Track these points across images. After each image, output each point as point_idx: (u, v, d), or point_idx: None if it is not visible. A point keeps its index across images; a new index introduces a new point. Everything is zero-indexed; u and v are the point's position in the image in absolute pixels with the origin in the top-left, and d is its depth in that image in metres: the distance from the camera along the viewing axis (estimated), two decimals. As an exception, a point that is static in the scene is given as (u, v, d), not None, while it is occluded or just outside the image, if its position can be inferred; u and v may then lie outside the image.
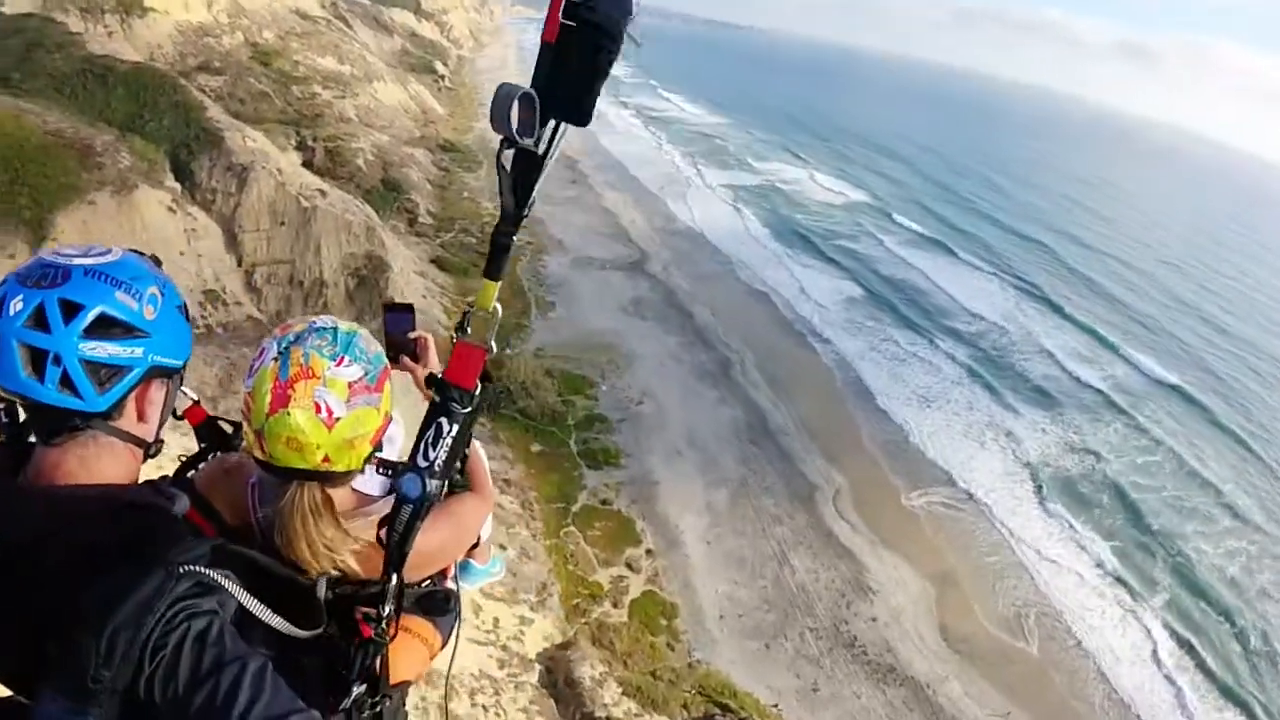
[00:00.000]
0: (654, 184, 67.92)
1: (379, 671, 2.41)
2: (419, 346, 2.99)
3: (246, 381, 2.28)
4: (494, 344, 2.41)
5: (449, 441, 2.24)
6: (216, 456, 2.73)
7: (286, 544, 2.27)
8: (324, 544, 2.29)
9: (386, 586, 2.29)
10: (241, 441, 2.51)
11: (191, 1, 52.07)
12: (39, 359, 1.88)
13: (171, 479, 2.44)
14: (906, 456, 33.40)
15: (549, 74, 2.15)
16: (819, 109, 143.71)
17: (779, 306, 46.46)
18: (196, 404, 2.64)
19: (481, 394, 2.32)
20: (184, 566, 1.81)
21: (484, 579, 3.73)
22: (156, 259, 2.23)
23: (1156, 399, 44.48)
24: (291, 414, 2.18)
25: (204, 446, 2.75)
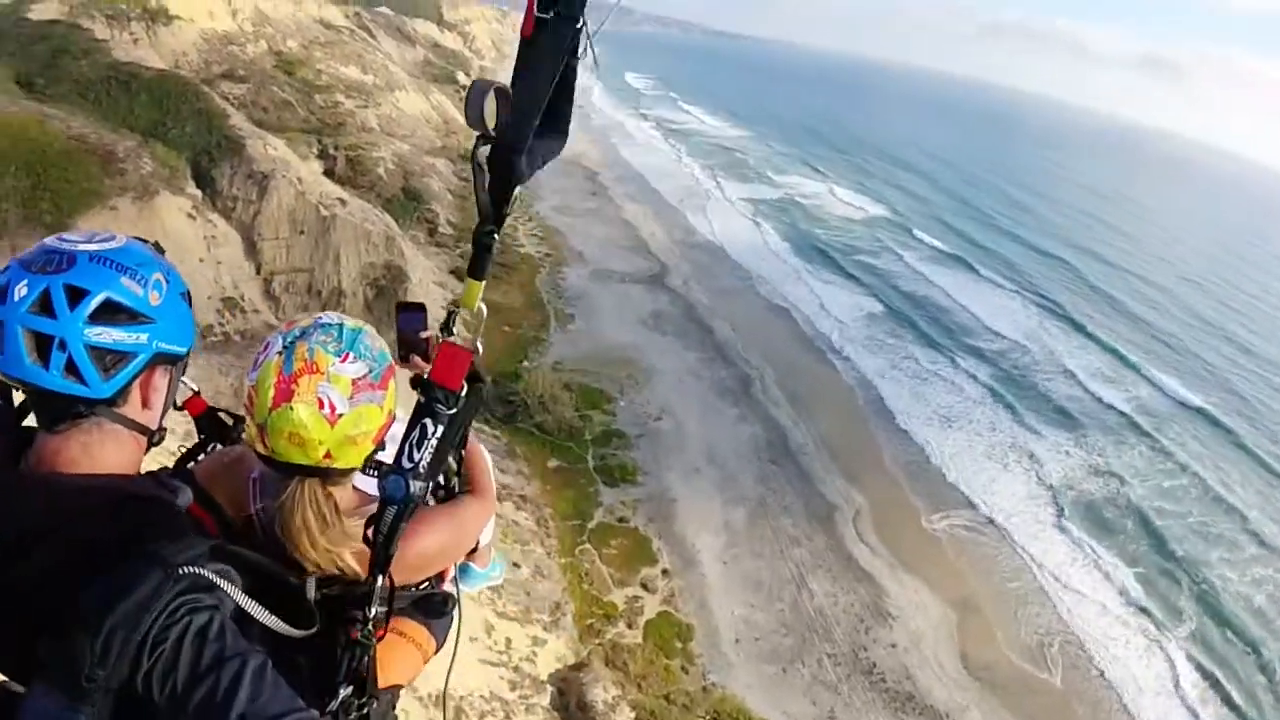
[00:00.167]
0: (674, 196, 67.98)
1: (366, 673, 2.35)
2: (430, 345, 2.94)
3: (250, 375, 2.29)
4: (480, 344, 2.34)
5: (434, 443, 2.16)
6: (217, 448, 2.76)
7: (288, 540, 2.26)
8: (325, 542, 2.27)
9: (372, 588, 2.25)
10: (241, 433, 2.54)
11: (216, 10, 52.44)
12: (44, 345, 1.87)
13: (171, 470, 2.46)
14: (928, 478, 33.00)
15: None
16: (838, 122, 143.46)
17: (799, 322, 46.20)
18: (197, 394, 2.69)
19: (470, 395, 2.24)
20: (183, 568, 1.78)
21: (483, 582, 3.68)
22: (159, 246, 2.22)
23: (1181, 421, 43.84)
24: (295, 409, 2.18)
25: (203, 438, 2.78)
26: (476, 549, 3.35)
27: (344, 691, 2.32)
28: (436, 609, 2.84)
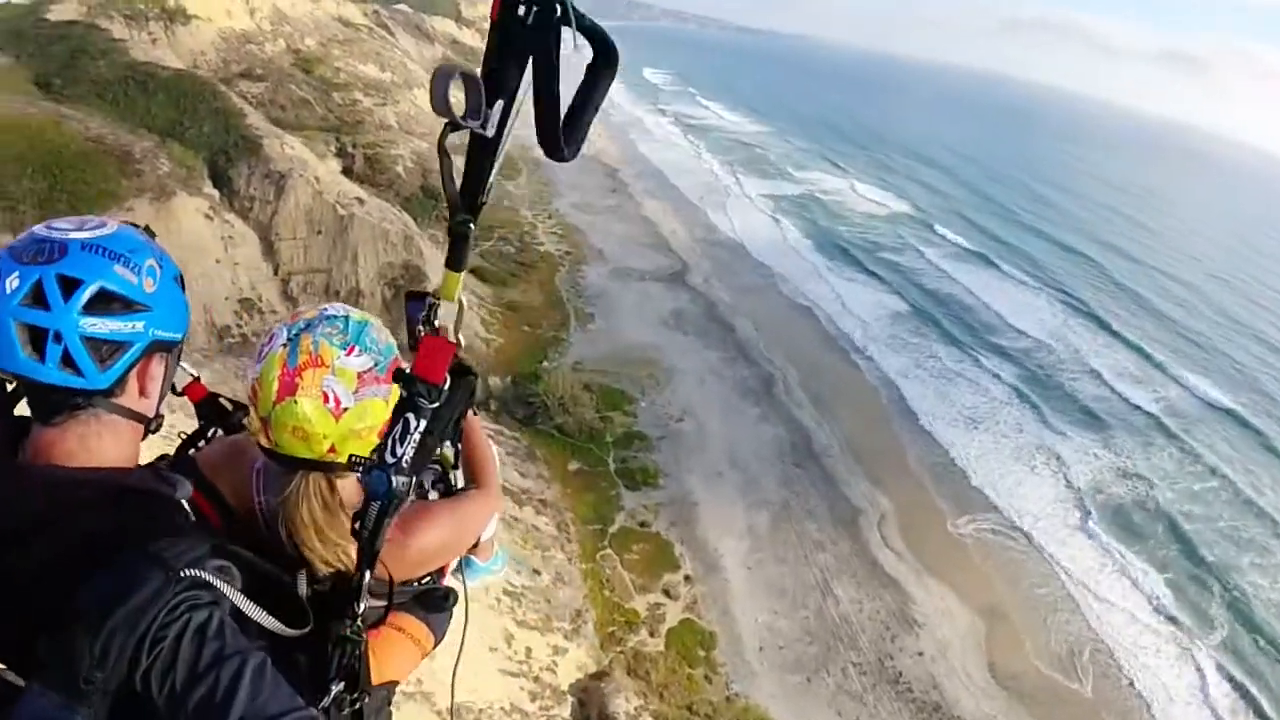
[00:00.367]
0: (694, 193, 67.66)
1: (358, 669, 2.31)
2: (442, 334, 2.79)
3: (254, 367, 2.24)
4: (461, 337, 2.36)
5: (416, 438, 2.16)
6: (219, 435, 2.71)
7: (294, 535, 2.25)
8: (333, 536, 2.25)
9: (361, 583, 2.21)
10: (242, 419, 2.57)
11: (235, 9, 52.48)
12: (39, 338, 1.83)
13: (173, 457, 2.46)
14: (953, 480, 32.57)
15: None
16: (858, 117, 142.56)
17: (821, 321, 45.78)
18: (196, 380, 2.65)
19: (455, 388, 2.24)
20: (185, 570, 1.74)
21: (485, 575, 3.64)
22: (150, 230, 2.16)
23: (1209, 423, 43.21)
24: (299, 403, 2.14)
25: (204, 423, 2.72)
26: (478, 543, 3.27)
27: (335, 688, 2.27)
28: (437, 604, 2.77)
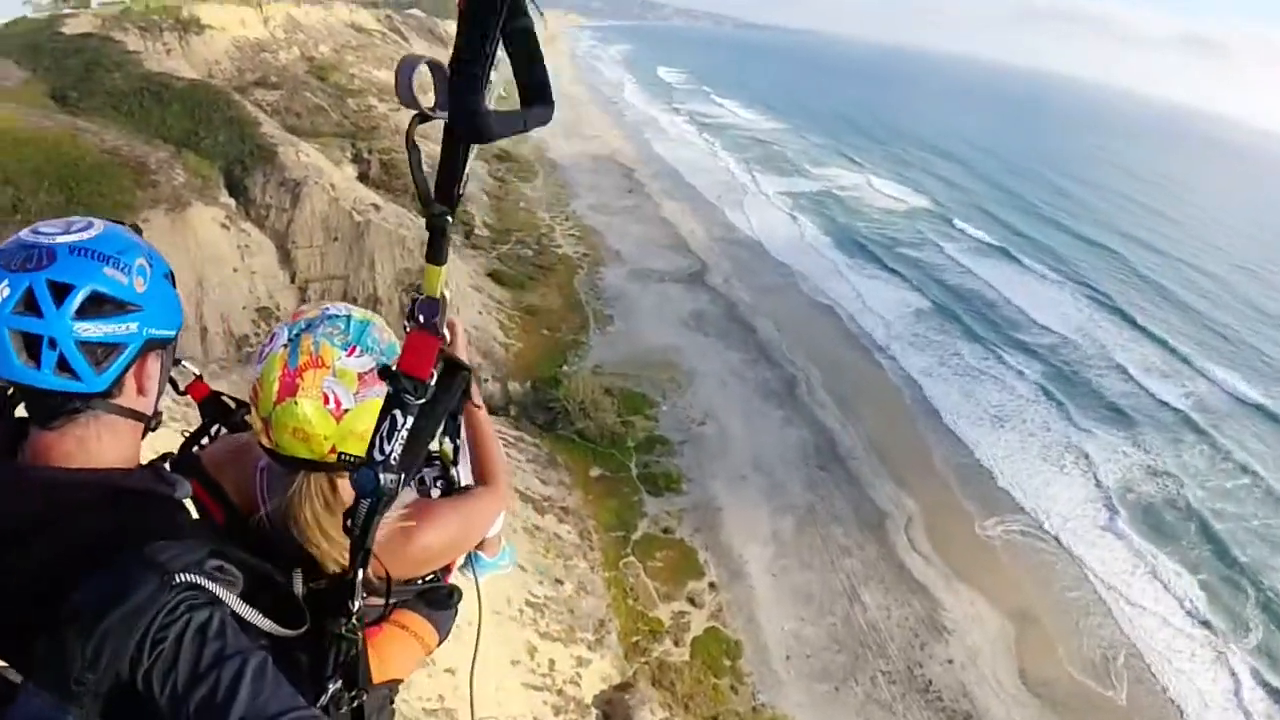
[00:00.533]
0: (711, 192, 67.31)
1: (354, 667, 2.28)
2: (449, 332, 2.69)
3: (256, 367, 2.25)
4: (447, 332, 2.22)
5: (404, 434, 2.01)
6: (222, 433, 2.71)
7: (303, 537, 2.25)
8: (336, 536, 2.22)
9: (354, 581, 2.14)
10: (245, 416, 2.56)
11: (248, 18, 52.75)
12: (33, 344, 1.83)
13: (177, 455, 2.47)
14: (980, 481, 32.08)
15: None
16: (873, 111, 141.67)
17: (843, 320, 45.32)
18: (199, 378, 2.64)
19: (443, 384, 2.14)
20: (179, 575, 1.71)
21: (493, 571, 3.56)
22: (137, 227, 2.16)
23: (1239, 418, 42.46)
24: (299, 404, 2.14)
25: (207, 421, 2.72)
26: (484, 540, 3.25)
27: (333, 686, 2.25)
28: (441, 601, 2.75)
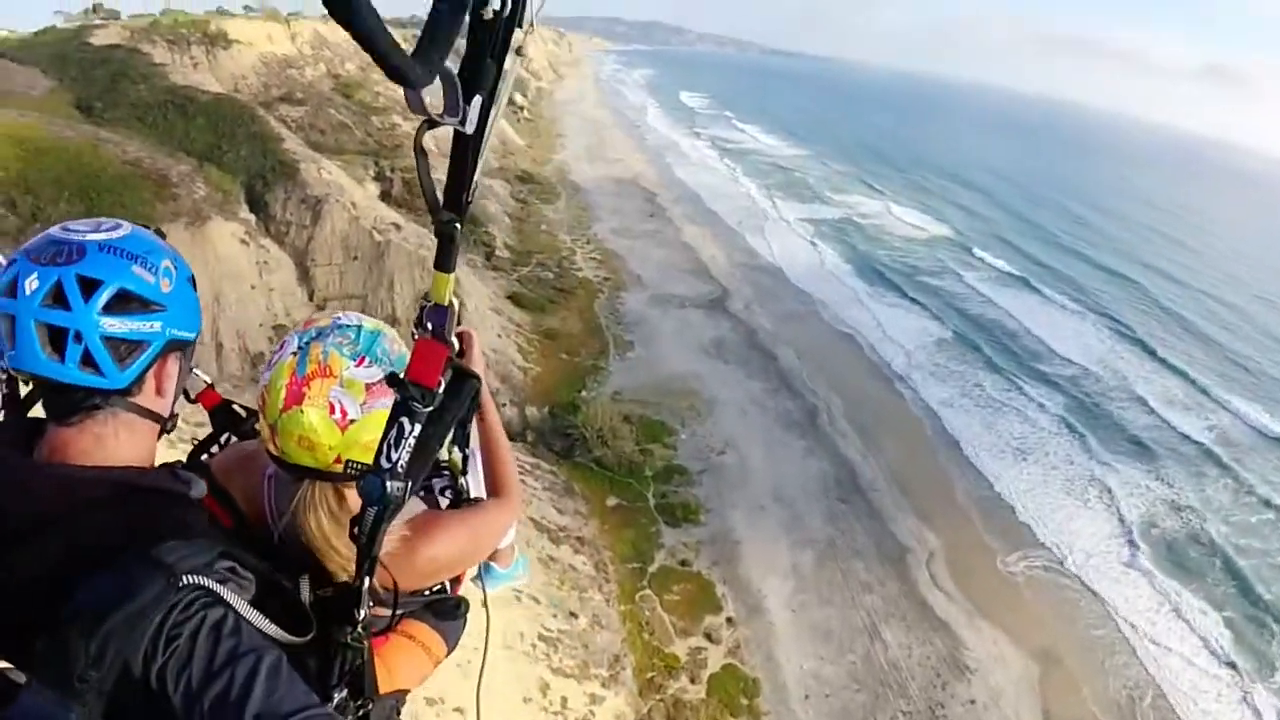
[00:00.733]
0: (732, 217, 67.26)
1: (360, 676, 2.29)
2: (463, 342, 2.83)
3: (264, 374, 2.26)
4: (456, 340, 2.33)
5: (411, 442, 2.01)
6: (232, 441, 2.75)
7: (312, 546, 2.27)
8: (339, 545, 2.26)
9: (360, 590, 2.14)
10: (254, 425, 2.58)
11: (275, 34, 53.23)
12: (59, 337, 1.86)
13: (186, 462, 2.44)
14: (1002, 515, 31.69)
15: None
16: (894, 138, 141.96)
17: (864, 349, 45.05)
18: (210, 387, 2.66)
19: (451, 392, 2.11)
20: (186, 577, 1.74)
21: (506, 582, 3.59)
22: (161, 232, 2.17)
23: (1262, 451, 41.95)
24: (305, 412, 2.16)
25: (217, 429, 2.76)
26: (497, 551, 3.28)
27: (339, 695, 2.25)
28: (449, 612, 2.78)
